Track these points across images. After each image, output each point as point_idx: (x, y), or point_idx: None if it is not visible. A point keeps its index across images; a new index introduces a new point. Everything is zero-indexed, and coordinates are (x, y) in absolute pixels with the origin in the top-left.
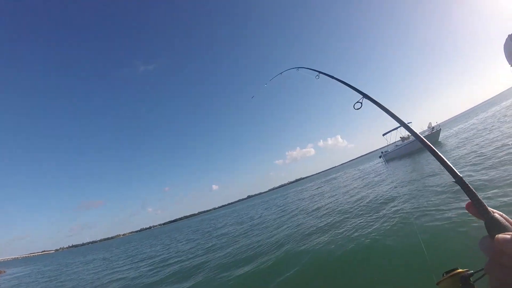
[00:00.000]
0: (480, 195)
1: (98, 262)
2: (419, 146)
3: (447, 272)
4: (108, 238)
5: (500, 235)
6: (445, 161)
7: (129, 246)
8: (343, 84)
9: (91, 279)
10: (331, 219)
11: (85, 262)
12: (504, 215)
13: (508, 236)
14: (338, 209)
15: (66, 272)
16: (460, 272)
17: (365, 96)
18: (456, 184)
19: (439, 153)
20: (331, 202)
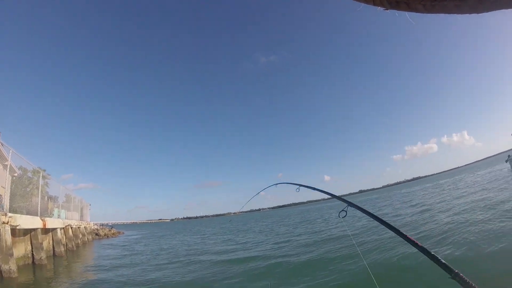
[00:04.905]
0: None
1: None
2: None
3: None
4: (219, 215)
5: None
6: (438, 258)
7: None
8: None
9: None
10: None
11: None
12: None
13: None
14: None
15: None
16: None
17: (350, 204)
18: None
19: (429, 250)
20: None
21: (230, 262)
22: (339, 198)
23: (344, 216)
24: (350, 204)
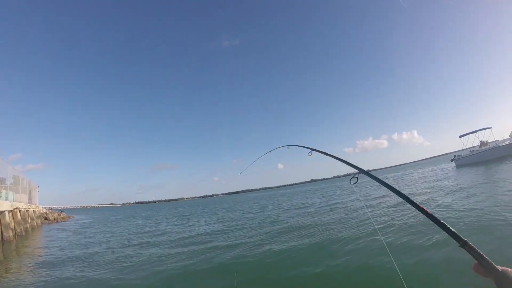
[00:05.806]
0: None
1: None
2: (498, 155)
3: None
4: (172, 200)
5: None
6: (447, 226)
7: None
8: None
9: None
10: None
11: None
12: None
13: None
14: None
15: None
16: None
17: (361, 171)
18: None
19: (438, 218)
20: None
21: (187, 253)
22: (350, 164)
23: (355, 183)
24: (362, 171)
